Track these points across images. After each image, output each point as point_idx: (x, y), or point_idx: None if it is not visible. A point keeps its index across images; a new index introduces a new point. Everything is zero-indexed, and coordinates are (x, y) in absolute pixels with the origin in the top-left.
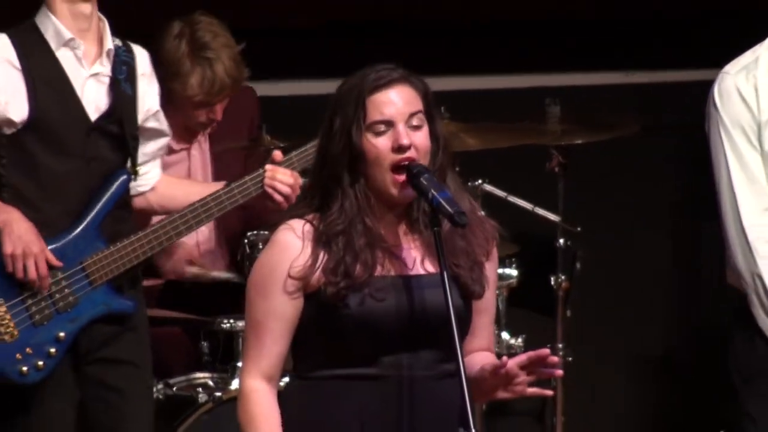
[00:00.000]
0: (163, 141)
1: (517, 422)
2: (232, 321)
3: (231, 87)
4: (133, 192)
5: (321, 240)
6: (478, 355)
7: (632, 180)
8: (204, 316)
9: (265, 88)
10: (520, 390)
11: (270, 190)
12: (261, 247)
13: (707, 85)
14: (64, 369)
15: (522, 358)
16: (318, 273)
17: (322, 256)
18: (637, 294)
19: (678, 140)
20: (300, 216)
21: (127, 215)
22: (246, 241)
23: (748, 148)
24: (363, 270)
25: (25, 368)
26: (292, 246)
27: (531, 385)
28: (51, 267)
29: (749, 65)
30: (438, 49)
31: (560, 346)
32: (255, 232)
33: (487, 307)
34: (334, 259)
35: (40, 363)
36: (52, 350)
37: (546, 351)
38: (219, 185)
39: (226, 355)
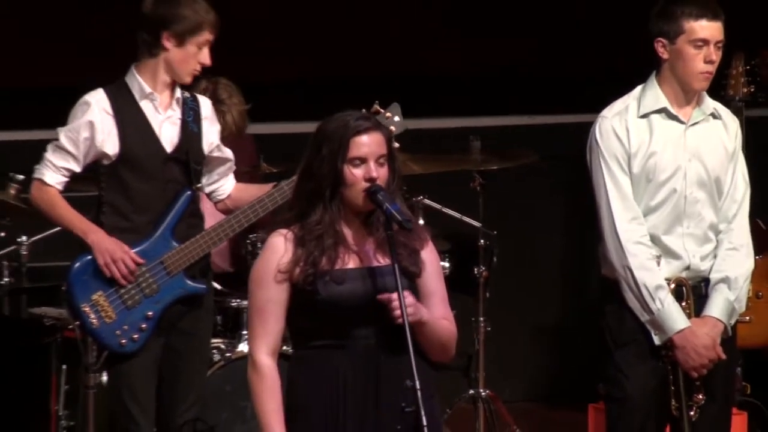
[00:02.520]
0: (228, 164)
1: (448, 376)
2: (238, 301)
3: (235, 134)
4: (214, 200)
5: (301, 242)
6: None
7: (535, 196)
8: (217, 297)
9: (264, 128)
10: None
11: None
12: (260, 245)
13: (586, 125)
14: (152, 336)
15: (386, 295)
16: (297, 267)
17: (300, 253)
18: (539, 281)
19: (567, 167)
20: (286, 224)
21: (199, 222)
22: (248, 241)
23: (620, 173)
24: (327, 262)
25: (123, 341)
26: (279, 248)
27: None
28: (136, 264)
29: (621, 111)
30: (390, 99)
31: (481, 319)
32: (255, 234)
33: (431, 291)
34: (306, 254)
35: (135, 336)
36: (143, 326)
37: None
38: (268, 187)
39: (234, 326)
